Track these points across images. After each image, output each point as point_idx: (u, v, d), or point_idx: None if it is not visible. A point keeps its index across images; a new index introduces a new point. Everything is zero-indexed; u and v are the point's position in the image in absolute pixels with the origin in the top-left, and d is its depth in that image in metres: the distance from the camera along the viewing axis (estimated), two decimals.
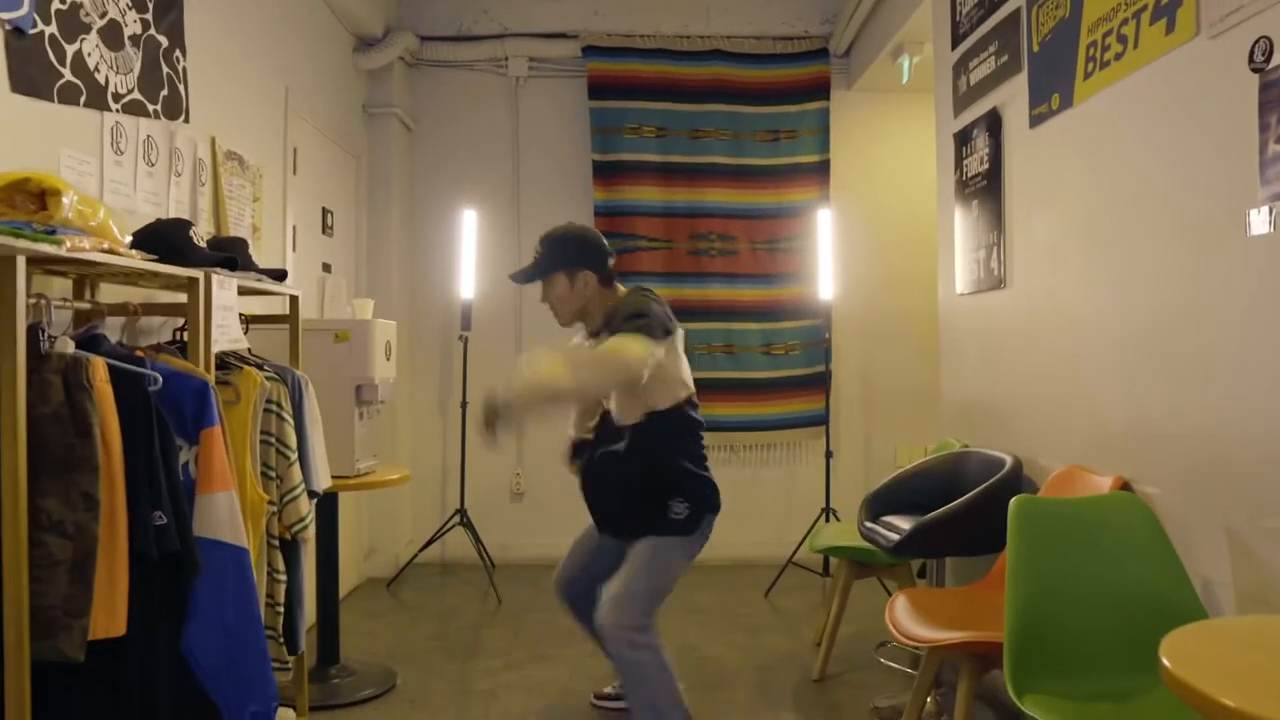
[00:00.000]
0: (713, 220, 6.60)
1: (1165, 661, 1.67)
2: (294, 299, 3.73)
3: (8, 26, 2.70)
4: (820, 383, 6.40)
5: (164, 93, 3.56)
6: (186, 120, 3.73)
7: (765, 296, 6.59)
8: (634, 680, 3.21)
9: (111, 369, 2.34)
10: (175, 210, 3.66)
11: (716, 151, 6.60)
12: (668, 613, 3.12)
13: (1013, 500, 2.79)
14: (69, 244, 2.13)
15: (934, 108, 4.95)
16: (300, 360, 3.73)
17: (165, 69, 3.57)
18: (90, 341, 2.50)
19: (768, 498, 6.60)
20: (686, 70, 6.62)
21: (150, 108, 3.47)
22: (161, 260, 2.72)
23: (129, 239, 2.61)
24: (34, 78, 2.83)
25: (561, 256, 3.49)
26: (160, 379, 2.44)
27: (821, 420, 6.33)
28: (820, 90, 6.68)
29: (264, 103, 4.63)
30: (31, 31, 2.80)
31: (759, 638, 4.94)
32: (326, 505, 4.06)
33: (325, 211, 5.50)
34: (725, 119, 6.62)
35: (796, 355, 6.56)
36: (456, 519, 6.02)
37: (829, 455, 6.09)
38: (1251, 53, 2.46)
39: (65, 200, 2.19)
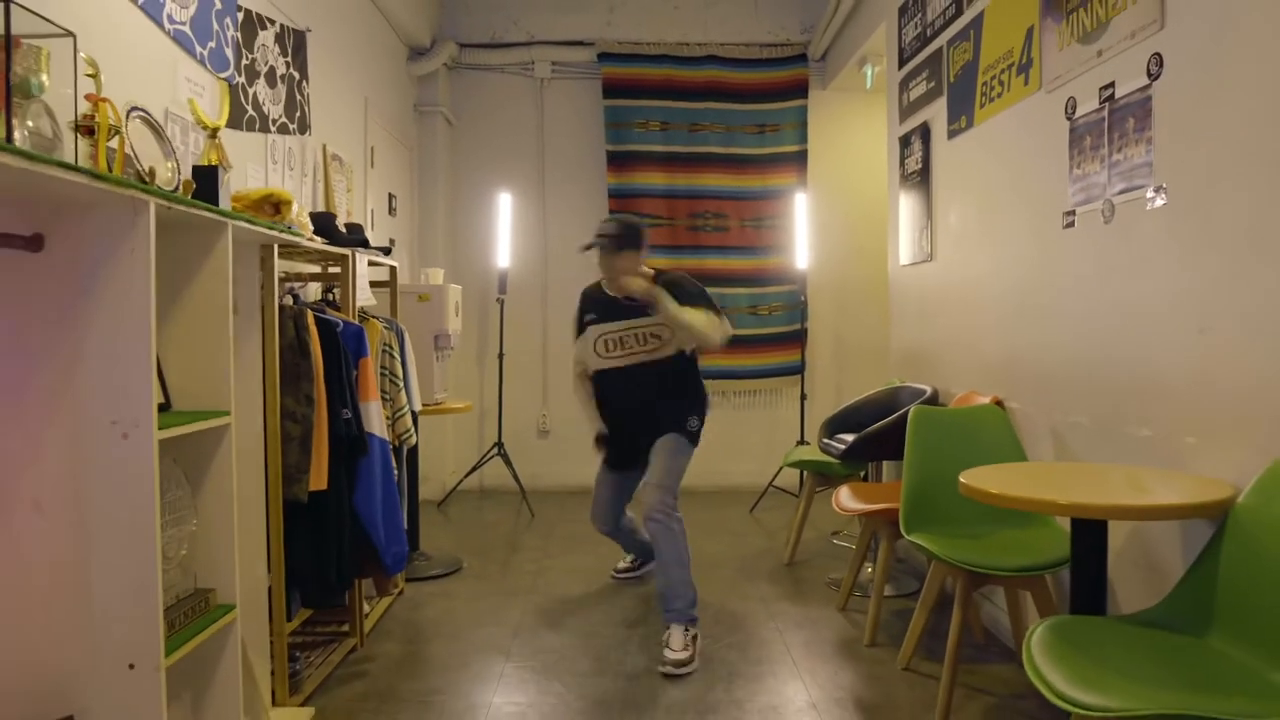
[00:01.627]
0: (708, 201, 7.85)
1: (961, 479, 2.92)
2: (393, 269, 4.97)
3: (223, 80, 3.92)
4: (798, 339, 7.66)
5: (298, 114, 4.78)
6: (310, 134, 4.95)
7: (752, 265, 7.85)
8: (667, 539, 4.24)
9: (315, 317, 3.58)
10: (305, 203, 4.88)
11: (711, 143, 7.83)
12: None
13: (911, 410, 4.05)
14: (305, 238, 3.37)
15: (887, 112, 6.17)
16: (398, 315, 4.96)
17: (298, 97, 4.79)
18: (295, 299, 3.74)
19: (753, 435, 7.88)
20: (686, 73, 7.85)
21: (291, 127, 4.69)
22: (328, 243, 3.96)
23: (313, 228, 3.84)
24: (235, 115, 4.05)
25: (637, 239, 4.56)
26: (342, 324, 3.69)
27: (798, 370, 7.60)
28: (800, 90, 7.91)
29: (352, 113, 5.85)
30: (234, 83, 4.02)
31: (742, 539, 6.22)
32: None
33: (390, 196, 6.74)
34: (719, 115, 7.85)
35: (778, 315, 7.83)
36: (495, 450, 7.27)
37: (804, 398, 7.37)
38: (1065, 107, 3.69)
39: (293, 208, 3.42)
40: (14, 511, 2.23)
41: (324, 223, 4.14)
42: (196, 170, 2.91)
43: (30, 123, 2.16)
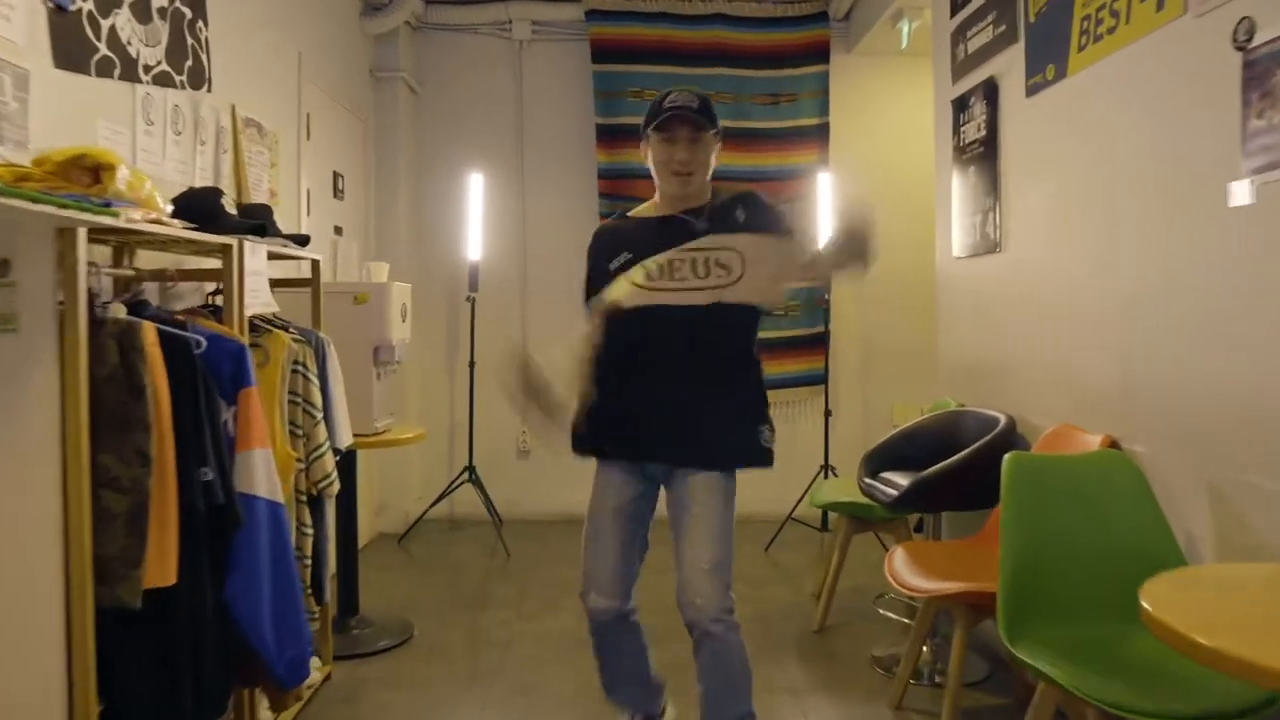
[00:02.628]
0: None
1: (1145, 605, 1.83)
2: (315, 263, 3.86)
3: (50, 4, 2.82)
4: (820, 343, 6.55)
5: (188, 63, 3.67)
6: (209, 89, 3.85)
7: None
8: (727, 662, 2.92)
9: (160, 333, 2.48)
10: (201, 177, 3.78)
11: (718, 115, 6.68)
12: (670, 566, 3.08)
13: (1006, 457, 2.95)
14: (124, 216, 2.26)
15: (932, 73, 5.06)
16: (322, 322, 3.87)
17: (189, 40, 3.68)
18: (137, 307, 2.64)
19: None
20: (688, 34, 6.71)
21: (177, 78, 3.58)
22: (200, 228, 2.87)
23: (170, 208, 2.74)
24: (74, 53, 2.95)
25: (718, 122, 3.06)
26: (204, 342, 2.59)
27: (821, 379, 6.49)
28: (820, 54, 6.78)
29: (279, 70, 4.74)
30: (71, 8, 2.92)
31: (760, 590, 5.11)
32: (345, 462, 4.21)
33: (336, 175, 5.63)
34: (726, 83, 6.71)
35: (797, 316, 6.70)
36: (465, 476, 6.18)
37: (828, 414, 6.26)
38: (1235, 32, 2.59)
39: (119, 174, 2.32)
40: None
41: (199, 201, 3.06)
42: None
43: None
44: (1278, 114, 2.44)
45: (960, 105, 4.64)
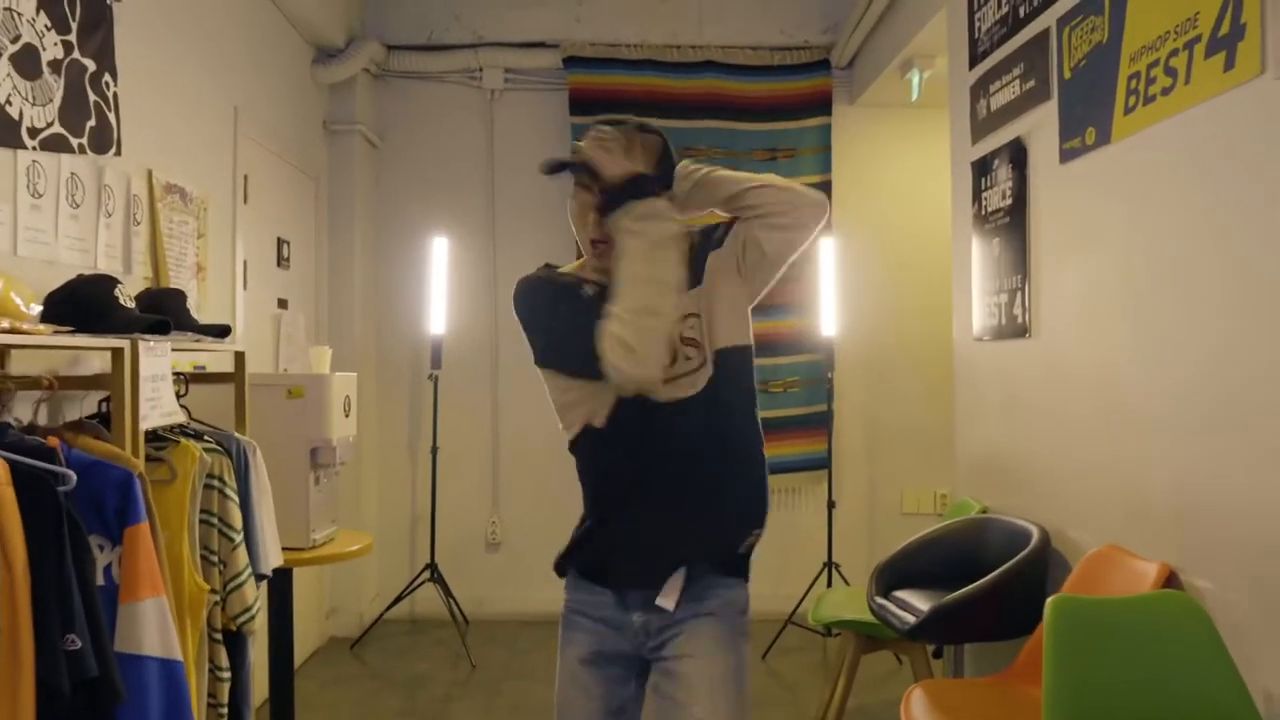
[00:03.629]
0: None
1: None
2: (239, 355, 3.32)
3: None
4: (821, 423, 5.99)
5: (90, 124, 3.14)
6: (118, 153, 3.31)
7: (763, 329, 6.17)
8: None
9: (13, 468, 1.95)
10: (105, 256, 3.24)
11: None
12: None
13: (1049, 602, 2.46)
14: None
15: (948, 129, 4.56)
16: (248, 422, 3.32)
17: (92, 96, 3.16)
18: None
19: (765, 547, 6.17)
20: (676, 83, 6.22)
21: (74, 142, 3.05)
22: (81, 328, 2.42)
23: (35, 309, 2.21)
24: None
25: (670, 175, 2.19)
26: (74, 478, 2.06)
27: (823, 464, 5.92)
28: (821, 105, 6.30)
29: (210, 127, 4.21)
30: None
31: (757, 711, 4.50)
32: (280, 580, 3.65)
33: (281, 242, 5.08)
34: (719, 136, 6.22)
35: (796, 393, 6.16)
36: (426, 574, 5.62)
37: (831, 505, 5.70)
38: None
39: None
40: None
41: (86, 294, 2.55)
42: None
43: None
44: None
45: (982, 168, 4.14)
